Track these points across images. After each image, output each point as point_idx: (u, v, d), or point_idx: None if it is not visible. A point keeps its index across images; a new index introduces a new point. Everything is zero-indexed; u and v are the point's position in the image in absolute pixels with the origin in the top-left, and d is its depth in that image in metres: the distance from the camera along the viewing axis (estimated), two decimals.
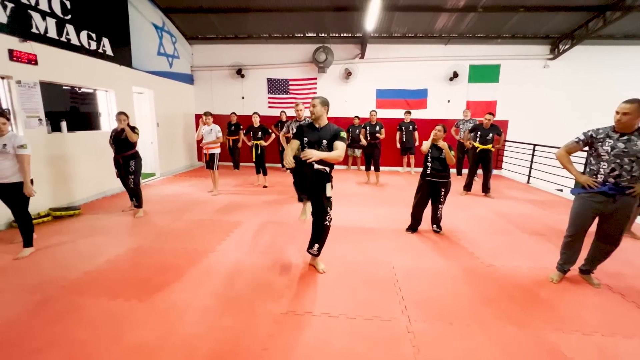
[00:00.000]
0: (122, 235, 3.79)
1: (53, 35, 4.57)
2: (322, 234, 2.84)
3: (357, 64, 8.69)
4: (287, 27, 8.17)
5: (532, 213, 4.93)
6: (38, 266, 2.97)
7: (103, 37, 5.52)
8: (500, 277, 2.89)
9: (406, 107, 8.74)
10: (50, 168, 4.60)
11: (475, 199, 5.69)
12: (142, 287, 2.62)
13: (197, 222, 4.26)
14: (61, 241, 3.58)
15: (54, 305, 2.35)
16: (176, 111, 8.31)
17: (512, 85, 8.53)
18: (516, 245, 3.65)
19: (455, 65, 8.48)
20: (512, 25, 7.65)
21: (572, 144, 2.76)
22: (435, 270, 3.01)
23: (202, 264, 3.04)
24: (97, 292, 2.53)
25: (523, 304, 2.45)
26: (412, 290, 2.63)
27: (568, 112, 8.51)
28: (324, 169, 2.71)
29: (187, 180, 7.19)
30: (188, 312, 2.29)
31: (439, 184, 3.79)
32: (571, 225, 2.73)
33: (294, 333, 2.09)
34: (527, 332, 2.12)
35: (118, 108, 5.85)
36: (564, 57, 8.15)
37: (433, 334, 2.10)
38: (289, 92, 9.00)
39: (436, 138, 3.83)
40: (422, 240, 3.75)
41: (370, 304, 2.43)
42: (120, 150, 4.43)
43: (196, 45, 8.95)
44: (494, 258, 3.27)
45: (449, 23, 7.64)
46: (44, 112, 4.50)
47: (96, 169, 5.40)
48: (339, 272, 2.93)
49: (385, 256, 3.28)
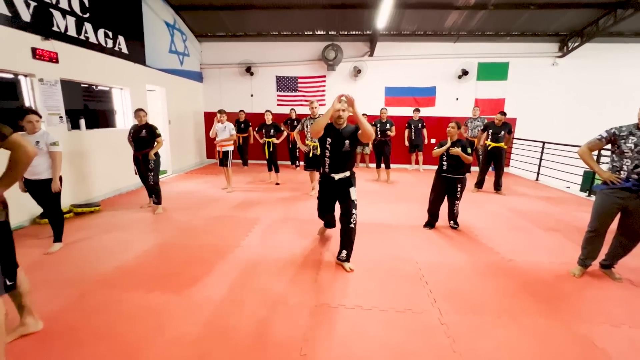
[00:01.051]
0: (146, 231, 3.85)
1: (72, 34, 4.62)
2: (349, 239, 2.93)
3: (366, 61, 8.72)
4: (296, 24, 8.19)
5: (544, 209, 4.98)
6: (69, 261, 3.03)
7: (119, 35, 5.56)
8: (522, 271, 2.95)
9: (415, 105, 8.78)
10: (70, 165, 4.66)
11: (487, 196, 5.74)
12: (175, 281, 2.68)
13: (216, 219, 4.32)
14: (86, 236, 3.65)
15: (92, 299, 2.41)
16: (186, 109, 8.36)
17: (521, 83, 8.56)
18: (534, 241, 3.70)
19: (464, 63, 8.50)
20: (522, 23, 7.66)
21: (594, 142, 2.80)
22: (457, 265, 3.07)
23: (230, 259, 3.11)
24: (132, 286, 2.59)
25: (548, 298, 2.51)
26: (438, 284, 2.69)
27: (576, 110, 8.55)
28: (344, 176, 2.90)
29: (198, 177, 7.25)
30: (224, 304, 2.36)
31: (455, 180, 3.85)
32: (593, 220, 2.78)
33: (330, 324, 2.16)
34: (557, 324, 2.18)
35: (133, 106, 5.90)
36: (573, 55, 8.17)
37: (466, 325, 2.16)
38: (297, 90, 9.03)
39: (451, 135, 3.87)
40: (440, 237, 3.81)
41: (401, 297, 2.49)
42: (139, 147, 4.48)
43: (205, 42, 8.98)
44: (513, 253, 3.33)
45: (459, 21, 7.66)
46: (64, 110, 4.55)
47: (112, 166, 5.46)
48: (365, 267, 2.99)
49: (407, 252, 3.34)
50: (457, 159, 3.82)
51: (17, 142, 1.58)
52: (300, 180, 6.82)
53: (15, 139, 1.58)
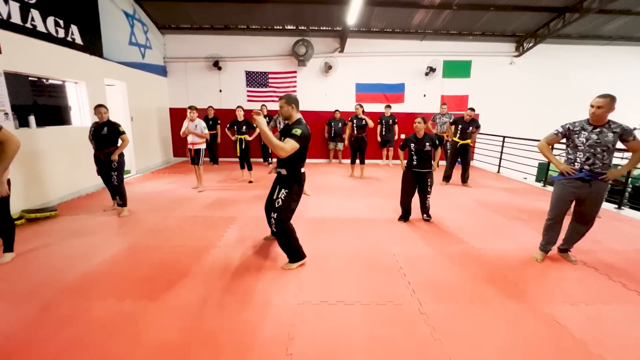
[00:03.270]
0: (112, 235, 3.62)
1: (17, 21, 4.17)
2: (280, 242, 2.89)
3: (337, 57, 8.76)
4: (266, 18, 8.02)
5: (507, 200, 5.33)
6: (25, 271, 2.77)
7: (71, 24, 5.12)
8: (491, 259, 3.14)
9: (384, 101, 8.98)
10: (20, 166, 4.24)
11: (455, 189, 6.03)
12: (149, 286, 2.55)
13: (190, 219, 4.16)
14: (44, 244, 3.35)
15: (57, 310, 2.23)
16: (150, 105, 7.91)
17: (482, 80, 9.05)
18: (499, 230, 3.96)
19: (430, 61, 8.81)
20: (483, 23, 8.08)
21: (551, 136, 3.02)
22: (432, 255, 3.20)
23: (207, 260, 3.00)
24: (102, 294, 2.42)
25: (515, 282, 2.70)
26: (416, 275, 2.79)
27: (531, 107, 9.22)
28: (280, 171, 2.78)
29: (166, 176, 6.92)
30: (205, 308, 2.28)
31: (425, 174, 4.02)
32: (552, 209, 3.02)
33: (314, 321, 2.16)
34: (525, 306, 2.35)
35: (90, 101, 5.49)
36: (528, 55, 8.77)
37: (444, 313, 2.26)
38: (268, 86, 8.88)
39: (418, 130, 4.01)
40: (415, 229, 3.95)
41: (381, 290, 2.56)
42: (101, 146, 4.18)
43: (169, 35, 8.53)
44: (482, 242, 3.53)
45: (426, 19, 7.92)
46: (9, 106, 4.12)
47: (69, 167, 5.05)
48: (344, 261, 3.03)
49: (384, 245, 3.43)
50: (426, 154, 3.98)
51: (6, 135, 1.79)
52: (274, 178, 6.71)
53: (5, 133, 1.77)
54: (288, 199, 2.73)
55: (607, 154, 2.74)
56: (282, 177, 2.77)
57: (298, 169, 2.75)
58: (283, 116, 2.80)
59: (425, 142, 3.96)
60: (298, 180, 2.77)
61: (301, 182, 2.81)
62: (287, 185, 2.74)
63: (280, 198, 2.73)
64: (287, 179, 2.75)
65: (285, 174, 2.75)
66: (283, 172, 2.76)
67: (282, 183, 2.76)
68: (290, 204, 2.76)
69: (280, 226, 2.77)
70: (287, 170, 2.74)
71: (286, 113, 2.77)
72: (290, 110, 2.75)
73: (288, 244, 2.86)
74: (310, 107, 8.77)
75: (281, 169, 2.77)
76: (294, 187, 2.75)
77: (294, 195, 2.78)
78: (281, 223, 2.76)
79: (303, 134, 2.61)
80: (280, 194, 2.73)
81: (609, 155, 2.75)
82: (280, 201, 2.73)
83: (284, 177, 2.76)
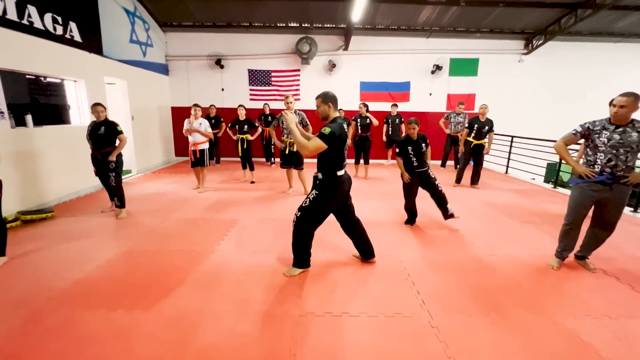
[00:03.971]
0: (109, 238, 3.50)
1: (13, 17, 4.06)
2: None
3: (341, 55, 8.59)
4: (269, 15, 7.88)
5: (517, 202, 5.14)
6: (16, 277, 2.66)
7: (70, 21, 5.01)
8: (504, 265, 2.97)
9: (389, 100, 8.81)
10: (16, 167, 4.14)
11: (463, 190, 5.85)
12: (143, 294, 2.42)
13: (189, 221, 4.03)
14: (37, 247, 3.23)
15: (46, 320, 2.10)
16: (151, 103, 7.81)
17: (490, 78, 8.84)
18: (511, 234, 3.78)
19: (437, 59, 8.62)
20: (491, 20, 7.88)
21: (569, 136, 2.84)
22: (442, 261, 3.04)
23: (205, 266, 2.87)
24: (93, 303, 2.30)
25: (532, 291, 2.53)
26: (425, 284, 2.63)
27: (540, 105, 8.99)
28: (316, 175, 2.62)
29: (167, 176, 6.81)
30: (200, 319, 2.14)
31: (427, 171, 3.92)
32: (570, 214, 2.84)
33: (318, 335, 2.01)
34: (544, 319, 2.18)
35: (89, 100, 5.38)
36: (537, 52, 8.54)
37: (456, 327, 2.11)
38: (271, 84, 8.74)
39: (411, 133, 3.86)
40: (421, 233, 3.79)
41: (388, 300, 2.40)
42: (98, 146, 4.06)
43: (170, 32, 8.41)
44: (494, 248, 3.36)
45: (432, 16, 7.73)
46: (5, 105, 4.01)
47: (67, 167, 4.94)
48: (349, 267, 2.88)
49: (391, 249, 3.27)
50: (423, 154, 3.86)
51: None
52: (277, 178, 6.60)
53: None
54: (317, 201, 2.56)
55: (631, 155, 2.56)
56: (319, 182, 2.59)
57: (334, 172, 2.53)
58: (320, 116, 2.61)
59: (421, 143, 3.85)
60: (334, 185, 2.56)
61: (336, 187, 2.57)
62: (320, 187, 2.57)
63: (308, 198, 2.59)
64: (322, 182, 2.57)
65: (321, 179, 2.57)
66: (319, 176, 2.57)
67: (317, 186, 2.60)
68: (318, 207, 2.58)
69: (299, 226, 2.63)
70: (322, 175, 2.56)
71: (323, 113, 2.56)
72: (327, 109, 2.54)
73: (299, 248, 2.72)
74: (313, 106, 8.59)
75: (318, 172, 2.59)
76: (327, 191, 2.56)
77: (326, 199, 2.57)
78: (301, 224, 2.62)
79: (333, 132, 2.38)
80: (310, 194, 2.59)
81: (632, 157, 2.57)
82: (307, 201, 2.58)
83: (320, 181, 2.58)
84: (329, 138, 2.39)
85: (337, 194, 2.61)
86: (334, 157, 2.50)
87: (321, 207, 2.59)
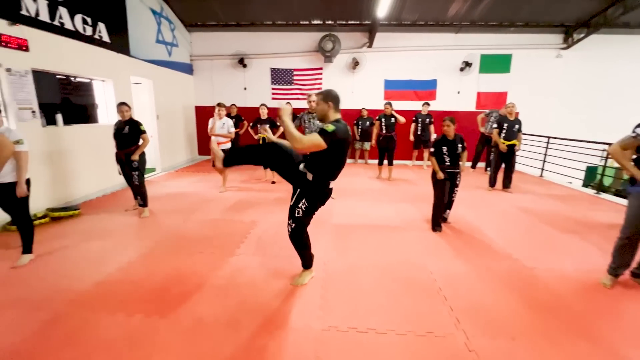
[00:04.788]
0: (130, 238, 3.49)
1: (45, 19, 4.17)
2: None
3: (365, 53, 8.35)
4: (292, 13, 7.77)
5: (556, 209, 4.74)
6: (40, 276, 2.67)
7: (99, 21, 5.10)
8: (547, 281, 2.69)
9: (415, 99, 8.50)
10: (46, 165, 4.25)
11: (495, 194, 5.49)
12: (162, 299, 2.35)
13: (210, 223, 3.98)
14: (63, 245, 3.27)
15: (65, 324, 2.07)
16: (176, 103, 7.91)
17: (524, 75, 8.29)
18: (552, 244, 3.45)
19: (466, 55, 8.19)
20: (528, 13, 7.37)
21: (629, 140, 2.51)
22: (476, 273, 2.79)
23: (224, 271, 2.78)
24: (113, 307, 2.25)
25: (584, 314, 2.25)
26: (459, 298, 2.41)
27: (580, 104, 8.33)
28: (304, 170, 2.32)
29: (190, 175, 6.86)
30: (217, 329, 2.04)
31: (456, 174, 3.82)
32: (628, 226, 2.52)
33: (342, 353, 1.85)
34: (602, 349, 1.91)
35: (116, 99, 5.47)
36: (578, 47, 7.91)
37: (497, 351, 1.88)
38: (293, 83, 8.64)
39: (447, 133, 3.74)
40: (451, 240, 3.53)
41: (418, 316, 2.20)
42: (122, 145, 4.09)
43: (195, 32, 8.49)
44: (534, 260, 3.06)
45: (462, 10, 7.33)
46: (37, 104, 4.12)
47: (95, 165, 5.05)
48: (374, 277, 2.70)
49: (418, 258, 3.06)
50: (458, 156, 3.76)
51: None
52: None
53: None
54: (309, 210, 2.35)
55: None
56: (306, 183, 2.29)
57: (324, 180, 2.29)
58: (318, 116, 2.35)
59: (457, 144, 3.74)
60: (322, 196, 2.35)
61: (325, 197, 2.37)
62: (309, 196, 2.31)
63: (300, 208, 2.35)
64: (310, 187, 2.29)
65: (310, 180, 2.27)
66: (309, 177, 2.27)
67: (306, 192, 2.30)
68: (309, 214, 2.39)
69: (296, 236, 2.46)
70: (313, 176, 2.26)
71: (321, 112, 2.29)
72: (326, 108, 2.27)
73: (303, 251, 2.56)
74: None
75: (308, 171, 2.27)
76: (317, 202, 2.34)
77: (316, 206, 2.38)
78: (297, 233, 2.45)
79: (336, 132, 2.08)
80: (301, 204, 2.33)
81: None
82: (300, 211, 2.35)
83: (308, 184, 2.29)
84: (331, 137, 2.08)
85: (323, 202, 2.40)
86: (330, 162, 2.23)
87: (311, 213, 2.40)
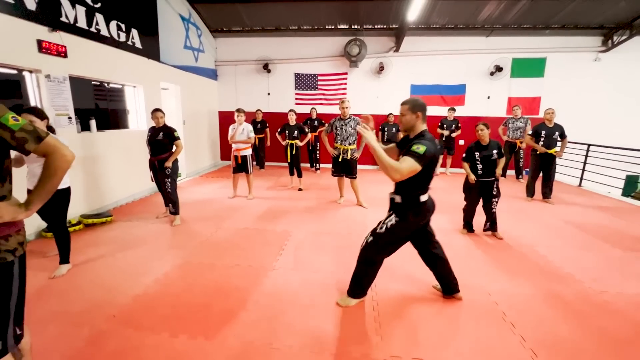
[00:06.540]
0: (164, 248, 3.40)
1: (83, 25, 4.18)
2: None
3: (391, 57, 8.17)
4: (317, 18, 7.68)
5: (607, 223, 4.40)
6: (79, 288, 2.59)
7: (132, 28, 5.12)
8: (623, 308, 2.41)
9: (442, 104, 8.23)
10: (81, 171, 4.24)
11: (536, 205, 5.17)
12: (205, 317, 2.21)
13: (242, 232, 3.85)
14: (98, 254, 3.20)
15: (107, 343, 1.95)
16: (201, 108, 7.92)
17: (559, 80, 7.91)
18: (618, 265, 3.14)
19: (496, 59, 7.89)
20: (565, 15, 7.03)
21: None
22: (540, 297, 2.54)
23: (265, 287, 2.63)
24: (155, 324, 2.13)
25: None
26: (528, 327, 2.17)
27: (621, 109, 7.88)
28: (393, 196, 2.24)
29: (214, 181, 6.80)
30: (270, 355, 1.88)
31: (491, 182, 3.65)
32: None
33: None
34: None
35: (146, 105, 5.49)
36: (618, 50, 7.49)
37: None
38: (317, 88, 8.53)
39: (482, 138, 3.60)
40: (505, 258, 3.27)
41: (487, 347, 1.98)
42: (156, 152, 4.03)
43: (220, 38, 8.52)
44: (601, 283, 2.78)
45: (495, 13, 7.06)
46: (73, 110, 4.13)
47: (125, 171, 5.03)
48: (428, 297, 2.49)
49: (472, 278, 2.82)
50: (492, 163, 3.59)
51: (54, 146, 1.24)
52: (323, 186, 6.32)
53: (51, 142, 1.24)
54: (395, 229, 2.17)
55: None
56: (396, 205, 2.20)
57: (417, 197, 2.14)
58: (403, 126, 2.20)
59: (492, 150, 3.57)
60: (416, 211, 2.16)
61: (418, 215, 2.18)
62: (400, 212, 2.17)
63: (385, 224, 2.19)
64: (401, 207, 2.18)
65: (399, 202, 2.17)
66: (397, 200, 2.18)
67: (396, 209, 2.20)
68: (394, 236, 2.20)
69: (367, 253, 2.28)
70: (402, 198, 2.16)
71: (408, 123, 2.15)
72: (414, 119, 2.13)
73: (361, 276, 2.38)
74: (360, 110, 8.26)
75: (395, 195, 2.20)
76: (408, 217, 2.16)
77: (406, 228, 2.19)
78: (371, 250, 2.26)
79: (428, 151, 1.95)
80: (388, 220, 2.19)
81: None
82: (384, 227, 2.19)
83: (397, 205, 2.19)
84: (424, 159, 1.94)
85: (418, 222, 2.22)
86: (421, 179, 2.07)
87: (398, 236, 2.22)
